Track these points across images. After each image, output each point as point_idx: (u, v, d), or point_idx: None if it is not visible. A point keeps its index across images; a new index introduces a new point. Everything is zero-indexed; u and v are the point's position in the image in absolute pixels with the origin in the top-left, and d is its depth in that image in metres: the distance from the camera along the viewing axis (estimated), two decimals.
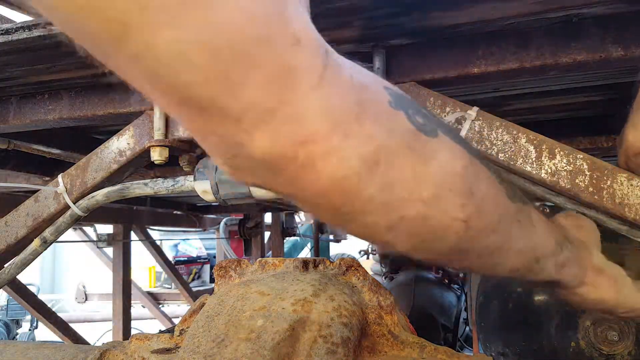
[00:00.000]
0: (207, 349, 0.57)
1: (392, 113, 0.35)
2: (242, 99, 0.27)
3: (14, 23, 0.76)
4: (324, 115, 0.30)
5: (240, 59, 0.26)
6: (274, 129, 0.29)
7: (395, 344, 0.60)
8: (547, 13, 0.72)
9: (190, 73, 0.25)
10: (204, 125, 0.30)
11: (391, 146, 0.34)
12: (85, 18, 0.23)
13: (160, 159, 0.93)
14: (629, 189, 0.70)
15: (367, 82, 0.35)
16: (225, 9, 0.24)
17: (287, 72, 0.28)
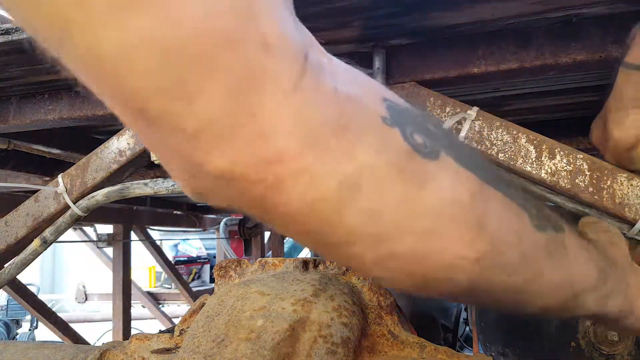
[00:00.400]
0: (207, 349, 0.57)
1: (384, 130, 0.31)
2: (199, 112, 0.23)
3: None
4: (294, 130, 0.26)
5: (196, 64, 0.22)
6: (236, 147, 0.25)
7: (395, 344, 0.60)
8: (547, 13, 0.72)
9: (137, 79, 0.22)
10: (157, 140, 0.27)
11: (377, 167, 0.29)
12: (29, 14, 0.21)
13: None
14: (629, 189, 0.70)
15: (357, 94, 0.30)
16: (180, 2, 0.21)
17: (253, 80, 0.24)
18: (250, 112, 0.24)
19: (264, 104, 0.24)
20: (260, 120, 0.25)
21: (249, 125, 0.25)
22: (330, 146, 0.27)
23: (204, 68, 0.22)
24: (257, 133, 0.25)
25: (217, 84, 0.23)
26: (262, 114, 0.25)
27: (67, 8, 0.20)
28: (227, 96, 0.23)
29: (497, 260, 0.36)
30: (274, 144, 0.25)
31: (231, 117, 0.24)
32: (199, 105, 0.23)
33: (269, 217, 0.31)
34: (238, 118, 0.24)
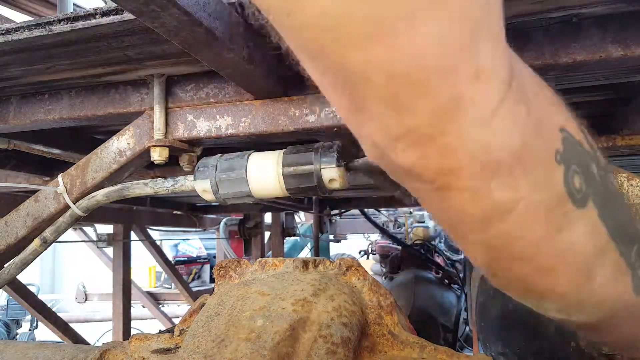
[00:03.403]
0: (207, 349, 0.57)
1: (552, 167, 0.32)
2: (405, 122, 0.27)
3: (14, 23, 0.76)
4: (477, 155, 0.29)
5: (412, 87, 0.26)
6: (424, 154, 0.29)
7: (395, 344, 0.60)
8: (547, 13, 0.72)
9: (368, 90, 0.27)
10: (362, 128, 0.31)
11: (530, 204, 0.32)
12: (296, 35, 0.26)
13: (160, 159, 0.93)
14: (629, 189, 0.70)
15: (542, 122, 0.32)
16: (415, 38, 0.24)
17: (456, 105, 0.27)
18: (445, 130, 0.28)
19: (459, 125, 0.27)
20: (451, 139, 0.28)
21: (441, 141, 0.28)
22: (501, 174, 0.30)
23: (418, 91, 0.26)
24: (445, 148, 0.28)
25: (424, 105, 0.26)
26: (455, 134, 0.28)
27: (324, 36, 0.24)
28: (430, 114, 0.27)
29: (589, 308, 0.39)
30: (455, 161, 0.29)
31: (428, 132, 0.28)
32: (405, 118, 0.27)
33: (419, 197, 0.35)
34: (433, 134, 0.28)
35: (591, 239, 0.36)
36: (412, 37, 0.24)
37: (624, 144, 1.23)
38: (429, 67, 0.25)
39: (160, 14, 0.58)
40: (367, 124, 0.30)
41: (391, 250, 3.68)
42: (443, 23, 0.24)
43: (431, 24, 0.24)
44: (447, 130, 0.28)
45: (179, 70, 0.93)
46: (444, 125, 0.27)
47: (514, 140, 0.30)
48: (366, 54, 0.24)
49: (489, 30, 0.26)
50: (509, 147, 0.30)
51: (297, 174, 0.80)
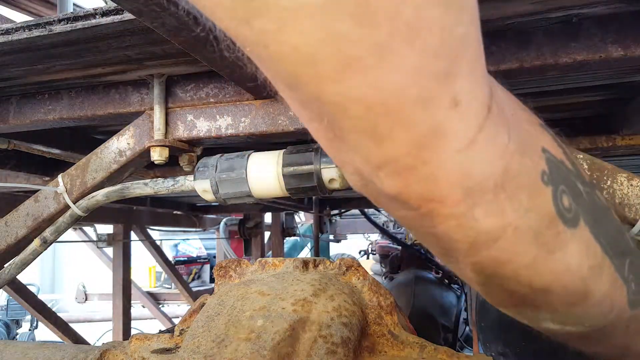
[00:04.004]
0: (207, 349, 0.57)
1: (539, 189, 0.32)
2: (384, 152, 0.28)
3: (14, 23, 0.76)
4: (459, 182, 0.29)
5: (389, 117, 0.26)
6: (406, 183, 0.29)
7: (395, 344, 0.60)
8: (547, 13, 0.72)
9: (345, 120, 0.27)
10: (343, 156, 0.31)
11: (519, 228, 0.32)
12: (272, 67, 0.26)
13: (160, 159, 0.93)
14: (629, 189, 0.70)
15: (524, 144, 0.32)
16: (388, 72, 0.24)
17: (435, 134, 0.27)
18: (425, 159, 0.28)
19: (439, 154, 0.27)
20: (432, 168, 0.28)
21: (422, 170, 0.28)
22: (485, 200, 0.30)
23: (395, 121, 0.26)
24: (427, 177, 0.28)
25: (402, 135, 0.27)
26: (435, 163, 0.28)
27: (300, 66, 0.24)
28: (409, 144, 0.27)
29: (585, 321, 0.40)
30: (438, 189, 0.29)
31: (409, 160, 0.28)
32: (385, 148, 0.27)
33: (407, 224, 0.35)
34: (413, 163, 0.28)
35: (586, 258, 0.36)
36: (385, 70, 0.24)
37: (624, 144, 1.23)
38: (404, 98, 0.25)
39: (160, 14, 0.58)
40: (347, 154, 0.30)
41: (391, 250, 3.68)
42: (416, 57, 0.24)
43: (405, 56, 0.24)
44: (427, 160, 0.28)
45: (179, 70, 0.93)
46: (424, 155, 0.27)
47: (495, 166, 0.30)
48: (341, 86, 0.25)
49: (465, 58, 0.26)
50: (491, 173, 0.29)
51: (297, 174, 0.80)
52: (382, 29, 0.22)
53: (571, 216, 0.34)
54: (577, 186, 0.36)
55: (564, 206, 0.33)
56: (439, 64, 0.25)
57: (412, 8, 0.22)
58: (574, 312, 0.39)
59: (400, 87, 0.25)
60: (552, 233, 0.33)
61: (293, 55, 0.24)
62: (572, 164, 0.37)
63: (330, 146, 0.32)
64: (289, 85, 0.27)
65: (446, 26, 0.24)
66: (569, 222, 0.34)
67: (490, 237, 0.32)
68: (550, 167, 0.33)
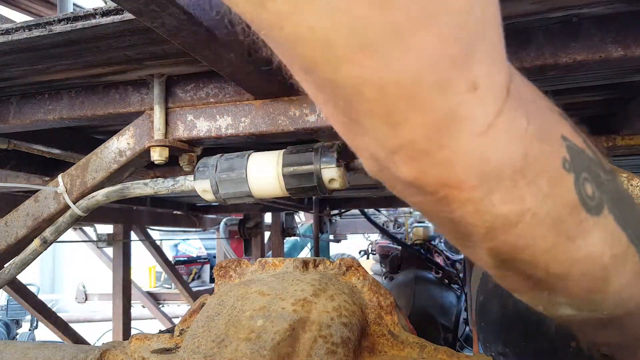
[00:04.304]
0: (207, 349, 0.57)
1: (561, 176, 0.32)
2: (400, 136, 0.27)
3: (14, 23, 0.76)
4: (476, 167, 0.28)
5: (405, 101, 0.25)
6: (422, 168, 0.29)
7: (395, 344, 0.60)
8: (547, 13, 0.72)
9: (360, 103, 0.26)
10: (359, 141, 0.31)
11: (538, 214, 0.31)
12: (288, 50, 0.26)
13: (160, 159, 0.93)
14: (629, 189, 0.70)
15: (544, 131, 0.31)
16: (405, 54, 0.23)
17: (452, 118, 0.26)
18: (442, 144, 0.27)
19: (456, 138, 0.27)
20: (449, 152, 0.27)
21: (439, 154, 0.28)
22: (503, 186, 0.29)
23: (411, 105, 0.25)
24: (444, 162, 0.28)
25: (418, 119, 0.26)
26: (452, 147, 0.27)
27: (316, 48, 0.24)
28: (425, 128, 0.26)
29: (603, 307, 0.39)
30: (455, 174, 0.28)
31: (425, 145, 0.27)
32: (400, 132, 0.27)
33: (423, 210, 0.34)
34: (430, 147, 0.27)
35: (609, 247, 0.35)
36: (403, 53, 0.23)
37: (624, 144, 1.23)
38: (421, 82, 0.25)
39: (160, 13, 0.58)
40: (362, 138, 0.30)
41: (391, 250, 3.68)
42: (434, 39, 0.23)
43: (421, 40, 0.23)
44: (444, 144, 0.27)
45: (179, 70, 0.93)
46: (440, 139, 0.27)
47: (514, 151, 0.29)
48: (357, 68, 0.24)
49: (484, 42, 0.26)
50: (509, 159, 0.29)
51: (297, 174, 0.80)
52: (399, 12, 0.22)
53: (594, 204, 0.33)
54: (599, 174, 0.35)
55: (587, 194, 0.33)
56: (456, 48, 0.24)
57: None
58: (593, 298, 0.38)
59: (417, 71, 0.24)
60: (575, 220, 0.33)
61: (309, 37, 0.23)
62: (593, 152, 0.36)
63: (346, 130, 0.31)
64: (305, 68, 0.26)
65: (464, 9, 0.24)
66: (592, 210, 0.33)
67: (508, 223, 0.31)
68: (571, 154, 0.33)
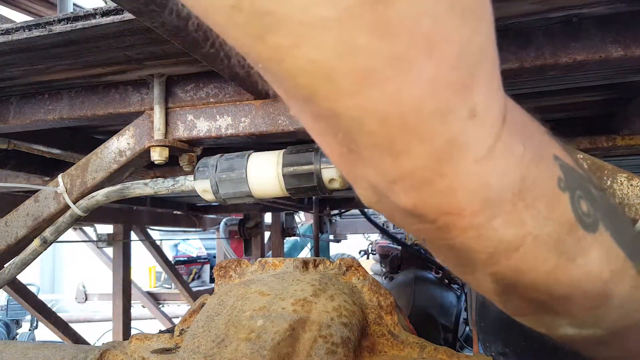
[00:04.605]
0: (207, 349, 0.57)
1: (557, 196, 0.32)
2: (401, 166, 0.27)
3: (14, 23, 0.76)
4: (477, 193, 0.28)
5: (407, 131, 0.25)
6: (423, 197, 0.29)
7: (395, 344, 0.60)
8: (547, 13, 0.72)
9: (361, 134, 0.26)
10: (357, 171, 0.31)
11: (539, 236, 0.31)
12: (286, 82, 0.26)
13: (160, 159, 0.93)
14: (629, 189, 0.70)
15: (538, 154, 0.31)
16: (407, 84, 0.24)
17: (452, 147, 0.26)
18: (443, 172, 0.27)
19: (456, 166, 0.27)
20: (450, 180, 0.28)
21: (440, 183, 0.28)
22: (504, 210, 0.30)
23: (413, 135, 0.26)
24: (445, 190, 0.28)
25: (420, 148, 0.26)
26: (453, 175, 0.27)
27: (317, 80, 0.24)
28: (427, 157, 0.27)
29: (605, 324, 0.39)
30: (456, 201, 0.29)
31: (426, 174, 0.27)
32: (401, 162, 0.27)
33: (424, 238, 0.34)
34: (431, 176, 0.27)
35: (607, 262, 0.35)
36: (403, 83, 0.23)
37: (624, 144, 1.23)
38: (423, 111, 0.25)
39: (160, 13, 0.58)
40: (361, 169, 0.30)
41: (391, 250, 3.68)
42: (434, 69, 0.23)
43: (423, 70, 0.23)
44: (445, 172, 0.27)
45: (179, 70, 0.93)
46: (441, 167, 0.27)
47: (513, 176, 0.29)
48: (358, 100, 0.24)
49: (482, 70, 0.26)
50: (508, 183, 0.29)
51: (297, 174, 0.80)
52: (401, 41, 0.22)
53: (590, 221, 0.34)
54: (591, 191, 0.35)
55: (582, 211, 0.33)
56: (457, 76, 0.24)
57: (431, 19, 0.22)
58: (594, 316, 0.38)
59: (419, 100, 0.24)
60: (573, 239, 0.33)
61: (309, 70, 0.23)
62: (582, 169, 0.37)
63: (344, 161, 0.31)
64: (304, 99, 0.26)
65: (464, 38, 0.24)
66: (589, 227, 0.34)
67: (510, 247, 0.31)
68: (565, 173, 0.33)
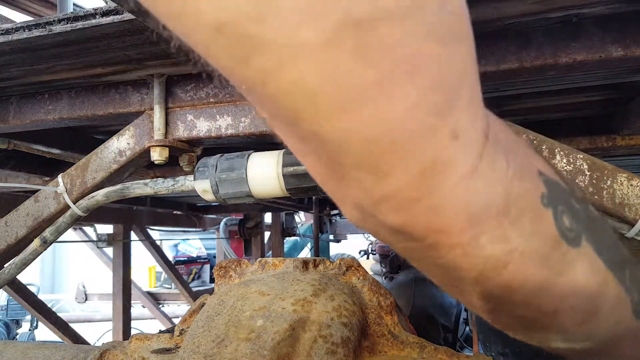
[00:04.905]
0: (207, 349, 0.57)
1: (540, 211, 0.33)
2: (386, 186, 0.27)
3: (14, 23, 0.76)
4: (462, 210, 0.29)
5: (392, 152, 0.26)
6: (410, 216, 0.29)
7: (395, 344, 0.60)
8: (547, 13, 0.72)
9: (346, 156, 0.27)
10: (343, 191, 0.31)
11: (526, 252, 0.32)
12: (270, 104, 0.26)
13: (160, 159, 0.93)
14: (629, 189, 0.70)
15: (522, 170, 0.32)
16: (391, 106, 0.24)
17: (438, 166, 0.27)
18: (429, 191, 0.28)
19: (442, 185, 0.28)
20: (436, 199, 0.28)
21: (426, 201, 0.28)
22: (489, 227, 0.30)
23: (398, 155, 0.26)
24: (431, 208, 0.29)
25: (405, 169, 0.27)
26: (439, 194, 0.28)
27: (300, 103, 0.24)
28: (412, 177, 0.27)
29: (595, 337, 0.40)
30: (443, 219, 0.29)
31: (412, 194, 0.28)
32: (387, 182, 0.27)
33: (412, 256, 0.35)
34: (417, 195, 0.28)
35: (592, 275, 0.36)
36: (387, 105, 0.24)
37: (624, 144, 1.23)
38: (407, 132, 0.25)
39: None
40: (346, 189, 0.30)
41: (391, 250, 3.68)
42: (417, 91, 0.24)
43: (405, 93, 0.24)
44: (431, 191, 0.28)
45: (179, 70, 0.93)
46: (427, 186, 0.28)
47: (497, 192, 0.30)
48: (342, 122, 0.24)
49: (464, 90, 0.26)
50: (493, 200, 0.30)
51: (297, 174, 0.80)
52: (383, 66, 0.23)
53: (573, 235, 0.34)
54: (573, 204, 0.36)
55: (565, 226, 0.34)
56: (439, 98, 0.25)
57: (414, 44, 0.23)
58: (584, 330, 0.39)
59: (402, 122, 0.25)
60: (558, 254, 0.34)
61: (293, 93, 0.23)
62: (565, 182, 0.38)
63: (329, 182, 0.31)
64: (288, 121, 0.26)
65: (445, 60, 0.24)
66: (572, 242, 0.34)
67: (498, 264, 0.32)
68: (548, 188, 0.34)
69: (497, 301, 0.36)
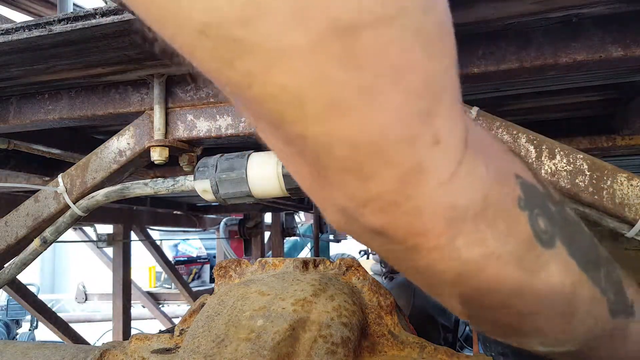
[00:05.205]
0: (207, 349, 0.57)
1: (516, 215, 0.34)
2: (369, 189, 0.28)
3: (14, 23, 0.76)
4: (441, 213, 0.30)
5: (375, 157, 0.26)
6: (391, 219, 0.30)
7: (395, 344, 0.60)
8: (547, 13, 0.72)
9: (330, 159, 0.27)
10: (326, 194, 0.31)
11: (501, 255, 0.33)
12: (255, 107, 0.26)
13: (160, 159, 0.93)
14: (629, 189, 0.70)
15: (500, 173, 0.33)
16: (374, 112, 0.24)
17: (419, 170, 0.28)
18: (410, 195, 0.28)
19: (422, 189, 0.28)
20: (416, 202, 0.29)
21: (407, 205, 0.29)
22: (467, 230, 0.31)
23: (381, 160, 0.27)
24: (412, 211, 0.29)
25: (389, 172, 0.27)
26: (419, 197, 0.29)
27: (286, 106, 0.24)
28: (394, 182, 0.28)
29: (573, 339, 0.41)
30: (422, 222, 0.30)
31: (394, 197, 0.29)
32: (370, 186, 0.28)
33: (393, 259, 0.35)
34: (398, 199, 0.29)
35: (566, 277, 0.37)
36: (371, 111, 0.24)
37: (624, 144, 1.23)
38: (390, 137, 0.26)
39: None
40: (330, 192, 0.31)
41: None
42: (401, 97, 0.24)
43: (389, 99, 0.24)
44: (411, 195, 0.28)
45: (179, 70, 0.93)
46: (408, 190, 0.28)
47: (475, 196, 0.31)
48: (327, 126, 0.25)
49: (446, 97, 0.27)
50: (471, 204, 0.31)
51: None
52: (368, 72, 0.23)
53: (547, 237, 0.35)
54: (549, 207, 0.37)
55: (540, 228, 0.35)
56: (421, 104, 0.26)
57: (398, 51, 0.23)
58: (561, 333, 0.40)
59: (386, 127, 0.25)
60: (532, 256, 0.34)
61: (279, 96, 0.24)
62: (542, 186, 0.38)
63: (312, 185, 0.32)
64: (272, 124, 0.27)
65: (429, 68, 0.25)
66: (546, 244, 0.35)
67: (475, 267, 0.33)
68: (524, 192, 0.34)
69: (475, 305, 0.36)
